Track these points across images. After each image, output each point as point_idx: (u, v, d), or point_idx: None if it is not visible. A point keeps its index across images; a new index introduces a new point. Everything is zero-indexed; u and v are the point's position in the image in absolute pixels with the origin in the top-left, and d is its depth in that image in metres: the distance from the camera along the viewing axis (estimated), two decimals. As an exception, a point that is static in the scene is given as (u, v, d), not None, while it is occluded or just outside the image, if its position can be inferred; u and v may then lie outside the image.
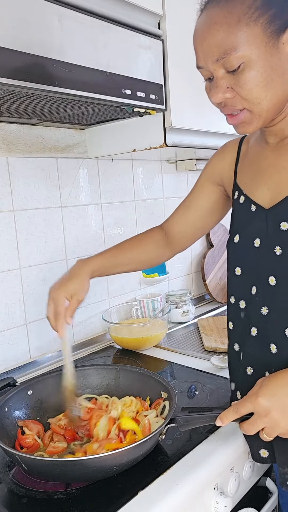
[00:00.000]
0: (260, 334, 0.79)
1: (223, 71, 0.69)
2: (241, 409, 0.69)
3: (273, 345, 0.76)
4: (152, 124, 1.18)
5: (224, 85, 0.69)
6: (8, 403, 0.89)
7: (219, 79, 0.69)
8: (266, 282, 0.77)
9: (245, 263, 0.82)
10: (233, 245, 0.85)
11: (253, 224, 0.80)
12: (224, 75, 0.69)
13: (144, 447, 0.76)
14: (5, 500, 0.74)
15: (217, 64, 0.68)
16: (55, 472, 0.73)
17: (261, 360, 0.79)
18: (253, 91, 0.68)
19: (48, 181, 1.32)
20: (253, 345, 0.80)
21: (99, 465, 0.72)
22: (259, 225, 0.78)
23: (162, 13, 1.09)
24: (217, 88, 0.70)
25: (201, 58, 0.71)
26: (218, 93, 0.70)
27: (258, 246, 0.79)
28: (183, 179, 1.86)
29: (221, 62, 0.67)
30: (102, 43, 0.93)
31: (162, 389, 0.92)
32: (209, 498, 0.80)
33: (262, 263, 0.78)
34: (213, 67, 0.69)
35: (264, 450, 0.81)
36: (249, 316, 0.81)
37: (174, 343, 1.47)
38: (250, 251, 0.80)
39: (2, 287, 1.23)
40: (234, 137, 0.99)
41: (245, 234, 0.82)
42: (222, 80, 0.69)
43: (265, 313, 0.77)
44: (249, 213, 0.81)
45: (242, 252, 0.82)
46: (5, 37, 0.75)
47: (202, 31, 0.69)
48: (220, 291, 1.92)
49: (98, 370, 1.04)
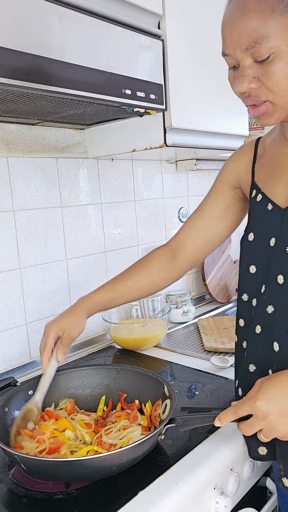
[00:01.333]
0: (264, 332, 0.79)
1: (250, 60, 0.67)
2: (240, 411, 0.70)
3: (276, 343, 0.76)
4: (152, 124, 1.18)
5: (250, 75, 0.67)
6: (9, 403, 0.89)
7: (246, 68, 0.67)
8: (275, 281, 0.76)
9: (259, 261, 0.81)
10: (247, 243, 0.84)
11: (268, 222, 0.79)
12: (252, 65, 0.67)
13: (143, 447, 0.76)
14: (5, 500, 0.74)
15: (246, 53, 0.66)
16: (54, 472, 0.73)
17: (263, 357, 0.79)
18: (280, 83, 0.66)
19: (48, 181, 1.32)
20: (256, 342, 0.81)
21: (98, 465, 0.72)
22: (275, 224, 0.78)
23: (162, 13, 1.09)
24: (243, 77, 0.68)
25: (229, 46, 0.68)
26: (243, 83, 0.68)
27: (274, 245, 0.78)
28: (183, 179, 1.86)
29: (250, 51, 0.65)
30: (102, 43, 0.93)
31: (162, 389, 0.92)
32: (209, 498, 0.80)
33: (273, 262, 0.77)
34: (241, 55, 0.67)
35: (263, 448, 0.81)
36: (256, 314, 0.81)
37: (174, 343, 1.47)
38: (265, 249, 0.79)
39: (2, 287, 1.23)
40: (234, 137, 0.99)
41: (260, 232, 0.81)
42: (249, 70, 0.67)
43: (270, 311, 0.77)
44: (265, 212, 0.80)
45: (257, 250, 0.82)
46: (5, 37, 0.75)
47: (233, 17, 0.66)
48: (220, 291, 1.92)
49: (98, 370, 1.04)
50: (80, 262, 1.44)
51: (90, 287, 1.47)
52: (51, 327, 0.95)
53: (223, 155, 1.62)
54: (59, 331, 0.94)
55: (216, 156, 1.76)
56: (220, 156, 1.71)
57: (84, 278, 1.46)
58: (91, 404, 1.00)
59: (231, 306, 1.89)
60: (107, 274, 1.53)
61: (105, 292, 1.01)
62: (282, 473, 0.77)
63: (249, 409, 0.68)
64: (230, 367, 1.18)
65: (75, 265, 1.42)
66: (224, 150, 1.42)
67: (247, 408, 0.68)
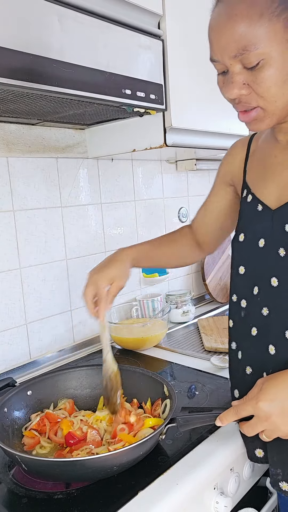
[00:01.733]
0: (260, 334, 0.79)
1: (240, 66, 0.66)
2: (241, 412, 0.69)
3: (271, 346, 0.76)
4: (152, 124, 1.18)
5: (240, 81, 0.66)
6: (8, 404, 0.89)
7: (236, 75, 0.66)
8: (268, 283, 0.76)
9: (248, 262, 0.81)
10: (237, 243, 0.84)
11: (258, 224, 0.79)
12: (241, 71, 0.66)
13: (144, 447, 0.76)
14: (5, 500, 0.74)
15: (235, 60, 0.65)
16: (55, 472, 0.73)
17: (259, 360, 0.79)
18: (271, 89, 0.65)
19: (48, 181, 1.32)
20: (252, 345, 0.80)
21: (99, 465, 0.72)
22: (265, 225, 0.78)
23: (162, 13, 1.09)
24: (233, 83, 0.67)
25: (217, 52, 0.67)
26: (233, 89, 0.67)
27: (263, 246, 0.78)
28: (183, 179, 1.86)
29: (239, 58, 0.64)
30: (102, 43, 0.93)
31: (162, 389, 0.92)
32: (209, 498, 0.80)
33: (265, 264, 0.77)
34: (230, 62, 0.66)
35: (260, 450, 0.81)
36: (250, 315, 0.81)
37: (174, 343, 1.47)
38: (255, 250, 0.79)
39: (2, 287, 1.23)
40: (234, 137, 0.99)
41: (250, 233, 0.81)
42: (239, 76, 0.66)
43: (265, 313, 0.77)
44: (256, 213, 0.80)
45: (247, 251, 0.82)
46: (5, 37, 0.75)
47: (220, 23, 0.65)
48: (220, 291, 1.92)
49: (98, 370, 1.03)
50: (80, 262, 1.44)
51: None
52: (101, 277, 0.90)
53: (223, 155, 1.62)
54: (110, 280, 0.91)
55: (216, 156, 1.75)
56: (220, 156, 1.69)
57: (84, 278, 1.45)
58: (91, 404, 1.00)
59: (231, 306, 1.88)
60: (107, 274, 1.53)
61: (147, 249, 1.03)
62: (280, 477, 0.77)
63: (251, 410, 0.68)
64: (230, 367, 1.18)
65: (75, 265, 1.42)
66: (224, 150, 1.41)
67: (249, 408, 0.68)
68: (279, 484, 0.77)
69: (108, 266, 0.93)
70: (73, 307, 1.42)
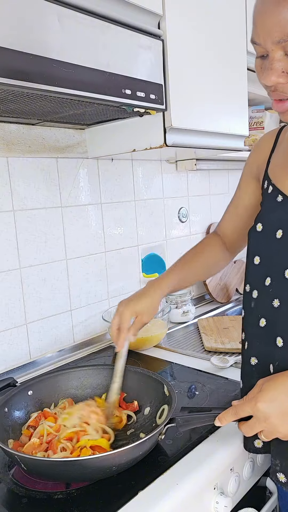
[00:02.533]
0: (268, 326, 0.78)
1: (281, 53, 0.64)
2: (240, 412, 0.69)
3: (279, 339, 0.75)
4: (152, 124, 1.18)
5: (279, 69, 0.65)
6: (8, 404, 0.89)
7: (276, 61, 0.64)
8: (282, 275, 0.75)
9: (264, 252, 0.81)
10: (255, 233, 0.83)
11: (277, 214, 0.79)
12: (282, 58, 0.64)
13: (143, 447, 0.76)
14: (5, 500, 0.74)
15: (277, 46, 0.63)
16: (54, 472, 0.73)
17: (266, 352, 0.79)
18: None
19: (48, 181, 1.32)
20: (260, 336, 0.80)
21: (98, 465, 0.72)
22: (284, 216, 0.77)
23: (162, 13, 1.08)
24: (272, 70, 0.65)
25: (260, 35, 0.65)
26: (271, 76, 0.65)
27: (280, 237, 0.77)
28: (183, 179, 1.86)
29: (282, 44, 0.63)
30: (102, 43, 0.93)
31: (162, 389, 0.92)
32: (209, 498, 0.80)
33: (280, 255, 0.76)
34: (272, 47, 0.64)
35: (259, 440, 0.81)
36: (259, 306, 0.80)
37: (174, 343, 1.47)
38: (272, 241, 0.79)
39: (2, 287, 1.23)
40: (234, 137, 0.99)
41: (268, 223, 0.81)
42: (279, 63, 0.64)
43: (276, 305, 0.76)
44: (275, 203, 0.80)
45: (263, 241, 0.81)
46: (5, 37, 0.75)
47: (268, 5, 0.62)
48: (220, 291, 1.92)
49: (98, 370, 1.04)
50: (80, 262, 1.44)
51: (90, 287, 1.48)
52: (127, 309, 0.93)
53: (223, 155, 1.62)
54: (134, 313, 0.93)
55: (216, 156, 1.76)
56: (220, 156, 1.70)
57: (84, 278, 1.46)
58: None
59: (231, 306, 1.89)
60: (107, 274, 1.53)
61: (175, 275, 1.02)
62: (278, 468, 0.77)
63: (249, 410, 0.68)
64: (230, 367, 1.18)
65: (75, 265, 1.42)
66: (224, 150, 1.42)
67: (247, 409, 0.68)
68: (276, 475, 0.77)
69: (136, 301, 0.95)
70: (73, 307, 1.42)
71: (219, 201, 2.05)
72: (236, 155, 1.58)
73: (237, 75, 1.35)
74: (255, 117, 1.82)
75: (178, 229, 1.85)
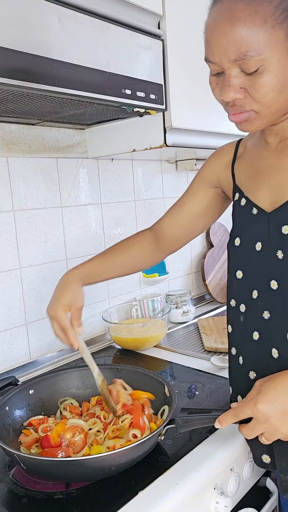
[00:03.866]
0: (262, 338, 0.78)
1: (238, 70, 0.65)
2: (240, 414, 0.69)
3: (274, 350, 0.75)
4: (152, 124, 1.18)
5: (237, 85, 0.65)
6: (9, 403, 0.89)
7: (233, 78, 0.65)
8: (268, 286, 0.76)
9: (246, 266, 0.81)
10: (233, 247, 0.84)
11: (254, 227, 0.79)
12: (238, 75, 0.65)
13: (143, 448, 0.76)
14: (5, 500, 0.74)
15: (234, 64, 0.64)
16: (54, 472, 0.73)
17: (262, 364, 0.78)
18: (268, 95, 0.65)
19: (48, 181, 1.32)
20: (254, 349, 0.80)
21: (98, 465, 0.72)
22: (261, 228, 0.77)
23: (162, 13, 1.09)
24: (230, 87, 0.66)
25: (215, 54, 0.65)
26: (229, 92, 0.66)
27: (260, 249, 0.77)
28: (183, 179, 1.86)
29: (238, 63, 0.63)
30: (102, 43, 0.93)
31: (162, 389, 0.92)
32: (209, 498, 0.80)
33: (263, 267, 0.77)
34: (228, 65, 0.65)
35: (266, 456, 0.80)
36: (250, 320, 0.80)
37: (174, 343, 1.47)
38: (252, 254, 0.79)
39: (2, 287, 1.23)
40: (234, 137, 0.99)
41: (246, 237, 0.81)
42: (236, 79, 0.65)
43: (266, 317, 0.76)
44: (251, 216, 0.80)
45: (243, 255, 0.81)
46: (5, 37, 0.75)
47: (221, 25, 0.63)
48: (220, 291, 1.92)
49: (100, 370, 1.04)
50: (80, 262, 1.43)
51: (90, 287, 1.47)
52: (57, 309, 0.92)
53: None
54: (66, 308, 0.92)
55: (216, 156, 1.75)
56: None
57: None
58: (92, 404, 1.00)
59: (231, 306, 1.89)
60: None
61: (94, 266, 1.01)
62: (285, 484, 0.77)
63: (249, 412, 0.68)
64: (230, 367, 1.18)
65: (75, 265, 1.42)
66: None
67: (247, 411, 0.68)
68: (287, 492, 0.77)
69: (59, 296, 0.94)
70: (73, 307, 1.42)
71: (219, 201, 2.04)
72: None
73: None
74: (255, 117, 1.82)
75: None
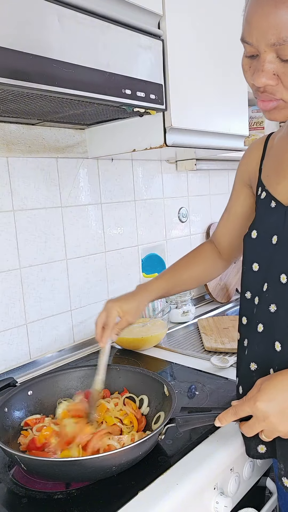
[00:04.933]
0: (266, 330, 0.79)
1: (274, 55, 0.62)
2: (240, 412, 0.70)
3: (277, 343, 0.76)
4: (152, 124, 1.18)
5: (271, 71, 0.63)
6: (8, 404, 0.89)
7: (268, 63, 0.63)
8: (277, 280, 0.76)
9: (262, 258, 0.81)
10: (250, 240, 0.84)
11: (271, 220, 0.79)
12: (274, 60, 0.62)
13: (143, 448, 0.76)
14: (5, 500, 0.74)
15: (271, 48, 0.61)
16: (54, 472, 0.73)
17: (265, 356, 0.79)
18: None
19: (48, 181, 1.32)
20: (258, 341, 0.81)
21: (98, 465, 0.72)
22: (278, 221, 0.77)
23: (162, 13, 1.08)
24: (263, 72, 0.63)
25: (253, 35, 0.62)
26: (262, 77, 0.64)
27: (276, 242, 0.78)
28: (183, 179, 1.86)
29: (276, 47, 0.61)
30: (102, 43, 0.93)
31: (162, 389, 0.92)
32: (209, 498, 0.80)
33: (276, 260, 0.77)
34: (265, 49, 0.62)
35: (262, 446, 0.81)
36: (258, 312, 0.81)
37: (174, 343, 1.47)
38: (268, 247, 0.79)
39: (2, 287, 1.23)
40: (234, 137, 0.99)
41: (263, 230, 0.81)
42: (271, 65, 0.63)
43: (273, 310, 0.77)
44: (269, 209, 0.80)
45: (260, 247, 0.81)
46: (5, 37, 0.75)
47: (264, 5, 0.60)
48: (220, 291, 1.92)
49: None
50: (80, 262, 1.44)
51: (90, 287, 1.48)
52: (114, 307, 0.94)
53: (223, 155, 1.62)
54: (121, 312, 0.94)
55: (216, 156, 1.76)
56: (220, 156, 1.71)
57: (84, 278, 1.46)
58: (91, 404, 1.00)
59: (231, 306, 1.89)
60: (107, 274, 1.53)
61: (164, 282, 1.03)
62: (283, 472, 0.77)
63: (249, 410, 0.68)
64: (230, 367, 1.18)
65: (75, 265, 1.42)
66: (224, 150, 1.42)
67: (247, 409, 0.68)
68: (282, 479, 0.77)
69: (124, 300, 0.97)
70: (73, 307, 1.42)
71: (219, 201, 2.04)
72: (236, 155, 1.58)
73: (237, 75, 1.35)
74: (255, 117, 1.82)
75: (178, 229, 1.85)
